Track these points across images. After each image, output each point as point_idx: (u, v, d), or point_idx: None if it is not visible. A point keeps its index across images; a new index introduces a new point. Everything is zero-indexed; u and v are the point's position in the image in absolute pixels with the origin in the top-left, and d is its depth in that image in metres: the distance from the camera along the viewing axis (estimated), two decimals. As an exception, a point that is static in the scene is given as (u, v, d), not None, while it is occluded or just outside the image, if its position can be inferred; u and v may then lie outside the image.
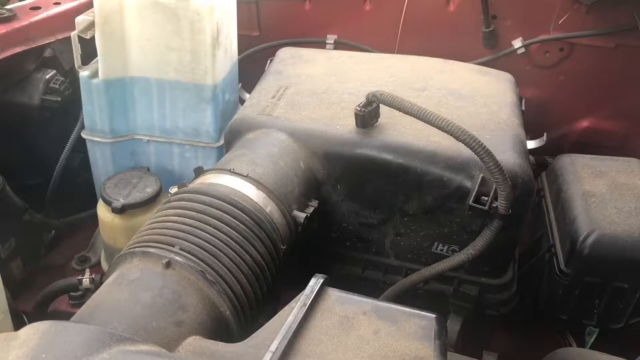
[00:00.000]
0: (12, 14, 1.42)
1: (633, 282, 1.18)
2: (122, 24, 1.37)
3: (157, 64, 1.41)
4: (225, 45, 1.46)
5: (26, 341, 0.60)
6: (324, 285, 0.77)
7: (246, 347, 0.70)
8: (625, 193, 1.25)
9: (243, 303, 0.86)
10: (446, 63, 1.41)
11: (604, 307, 1.22)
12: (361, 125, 1.09)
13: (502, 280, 1.19)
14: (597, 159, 1.38)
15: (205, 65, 1.40)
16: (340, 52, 1.52)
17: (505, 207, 0.97)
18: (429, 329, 0.72)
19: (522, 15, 1.76)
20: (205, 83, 1.42)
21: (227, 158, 1.09)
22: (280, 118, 1.16)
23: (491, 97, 1.26)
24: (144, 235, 0.88)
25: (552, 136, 1.74)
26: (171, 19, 1.35)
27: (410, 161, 1.07)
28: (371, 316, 0.73)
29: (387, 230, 1.16)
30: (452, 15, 1.79)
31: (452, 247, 1.13)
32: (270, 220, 0.97)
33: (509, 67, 1.50)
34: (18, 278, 1.50)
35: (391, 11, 1.79)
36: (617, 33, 1.68)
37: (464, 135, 0.94)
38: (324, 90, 1.25)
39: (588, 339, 1.29)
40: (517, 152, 1.09)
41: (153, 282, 0.79)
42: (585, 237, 1.15)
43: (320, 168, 1.11)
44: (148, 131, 1.51)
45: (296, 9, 1.89)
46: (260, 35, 1.93)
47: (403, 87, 1.26)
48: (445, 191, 1.07)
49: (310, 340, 0.69)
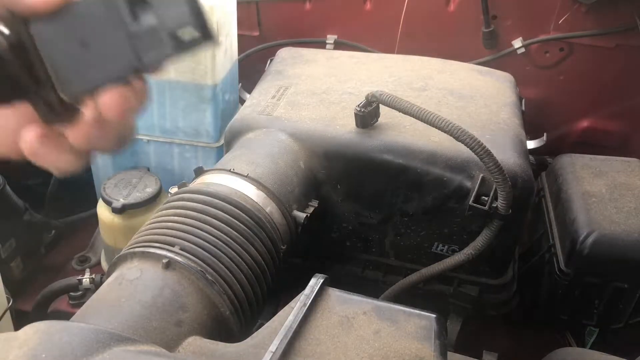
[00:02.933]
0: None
1: (633, 282, 1.18)
2: (122, 24, 1.37)
3: (157, 64, 1.41)
4: (225, 45, 1.46)
5: (26, 341, 0.60)
6: (324, 285, 0.77)
7: (246, 347, 0.70)
8: (625, 193, 1.25)
9: (243, 303, 0.86)
10: (446, 63, 1.41)
11: (604, 307, 1.22)
12: (361, 126, 1.09)
13: (502, 280, 1.19)
14: (597, 159, 1.38)
15: (205, 65, 1.39)
16: (341, 52, 1.52)
17: (505, 207, 0.97)
18: (429, 329, 0.72)
19: (522, 15, 1.76)
20: (205, 83, 1.42)
21: (227, 158, 1.09)
22: (281, 118, 1.16)
23: (491, 97, 1.26)
24: (144, 235, 0.88)
25: (552, 136, 1.74)
26: (171, 19, 1.35)
27: (410, 161, 1.07)
28: (371, 316, 0.73)
29: (387, 231, 1.16)
30: (452, 15, 1.79)
31: (452, 247, 1.13)
32: (270, 220, 0.97)
33: (509, 67, 1.50)
34: (18, 278, 1.50)
35: (391, 11, 1.80)
36: (617, 33, 1.68)
37: (464, 136, 0.94)
38: (324, 90, 1.25)
39: (588, 339, 1.29)
40: (517, 152, 1.09)
41: (153, 282, 0.79)
42: (586, 237, 1.15)
43: (320, 168, 1.11)
44: (148, 131, 1.51)
45: (296, 9, 1.89)
46: (260, 35, 1.93)
47: (403, 87, 1.26)
48: (445, 191, 1.07)
49: (310, 340, 0.69)
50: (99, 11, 0.35)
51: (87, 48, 0.35)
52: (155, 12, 0.35)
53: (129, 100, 0.38)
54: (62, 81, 0.36)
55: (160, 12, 0.35)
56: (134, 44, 0.35)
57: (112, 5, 0.35)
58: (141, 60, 0.35)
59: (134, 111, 0.39)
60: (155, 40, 0.35)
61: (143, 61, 0.36)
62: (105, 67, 0.36)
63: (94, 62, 0.36)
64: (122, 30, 0.35)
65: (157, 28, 0.35)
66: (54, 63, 0.36)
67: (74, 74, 0.36)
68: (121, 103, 0.37)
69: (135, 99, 0.39)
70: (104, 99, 0.37)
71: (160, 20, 0.35)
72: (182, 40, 0.35)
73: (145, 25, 0.35)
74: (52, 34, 0.35)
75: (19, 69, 0.36)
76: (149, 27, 0.35)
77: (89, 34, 0.35)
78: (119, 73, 0.36)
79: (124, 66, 0.36)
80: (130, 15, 0.35)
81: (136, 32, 0.35)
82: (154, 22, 0.35)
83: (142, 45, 0.35)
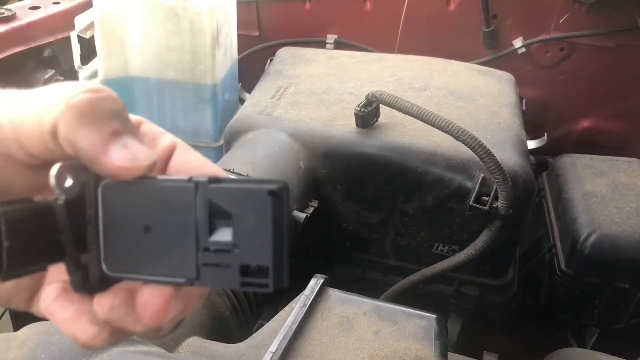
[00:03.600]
0: (11, 13, 1.42)
1: (634, 282, 1.17)
2: (121, 24, 1.37)
3: (157, 64, 1.41)
4: (225, 45, 1.46)
5: (25, 341, 0.59)
6: (324, 286, 0.77)
7: (246, 347, 0.70)
8: (626, 193, 1.25)
9: (243, 303, 0.86)
10: (446, 63, 1.40)
11: (604, 307, 1.22)
12: (361, 125, 1.09)
13: (503, 280, 1.19)
14: (598, 159, 1.38)
15: (205, 65, 1.39)
16: (341, 51, 1.51)
17: (505, 207, 0.97)
18: (429, 329, 0.72)
19: (522, 15, 1.75)
20: (205, 83, 1.41)
21: (227, 158, 1.09)
22: (280, 118, 1.15)
23: (491, 97, 1.26)
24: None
25: (553, 136, 1.74)
26: (171, 19, 1.35)
27: (410, 161, 1.06)
28: (371, 316, 0.73)
29: (387, 231, 1.16)
30: (453, 15, 1.79)
31: (452, 247, 1.13)
32: (270, 220, 0.96)
33: (509, 67, 1.50)
34: (18, 278, 1.50)
35: (391, 11, 1.79)
36: (617, 33, 1.67)
37: (464, 136, 0.94)
38: (324, 90, 1.25)
39: (588, 339, 1.29)
40: (517, 152, 1.08)
41: (153, 282, 0.78)
42: (586, 238, 1.15)
43: (320, 168, 1.11)
44: (148, 131, 1.50)
45: (296, 9, 1.88)
46: (260, 35, 1.93)
47: (403, 87, 1.26)
48: (445, 191, 1.07)
49: (310, 341, 0.69)
50: (178, 202, 0.29)
51: (149, 232, 0.30)
52: (235, 234, 0.28)
53: (171, 306, 0.30)
54: (111, 254, 0.31)
55: (240, 236, 0.28)
56: (197, 256, 0.29)
57: (192, 203, 0.29)
58: (199, 277, 0.29)
59: (172, 321, 0.32)
60: (222, 264, 0.29)
61: (200, 277, 0.29)
62: (160, 261, 0.30)
63: (150, 250, 0.30)
64: (192, 236, 0.29)
65: (229, 253, 0.28)
66: (110, 231, 0.30)
67: (126, 252, 0.30)
68: (161, 307, 0.30)
69: (178, 307, 0.31)
70: (144, 294, 0.30)
71: (237, 245, 0.28)
72: (249, 276, 0.28)
73: (218, 243, 0.29)
74: (120, 201, 0.30)
75: (68, 227, 0.30)
76: (221, 246, 0.29)
77: (156, 219, 0.30)
78: (172, 276, 0.30)
79: (179, 271, 0.29)
80: (208, 224, 0.29)
81: (205, 245, 0.29)
82: (229, 246, 0.28)
83: (206, 260, 0.29)
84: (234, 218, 0.28)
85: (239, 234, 0.28)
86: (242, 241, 0.28)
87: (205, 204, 0.29)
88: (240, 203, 0.28)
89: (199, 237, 0.29)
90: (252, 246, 0.28)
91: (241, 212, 0.28)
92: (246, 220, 0.28)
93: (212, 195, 0.29)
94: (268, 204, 0.27)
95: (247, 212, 0.28)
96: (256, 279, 0.28)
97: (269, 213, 0.27)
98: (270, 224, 0.27)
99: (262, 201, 0.28)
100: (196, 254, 0.29)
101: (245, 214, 0.28)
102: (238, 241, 0.28)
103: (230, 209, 0.28)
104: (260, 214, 0.28)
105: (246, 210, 0.28)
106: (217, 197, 0.28)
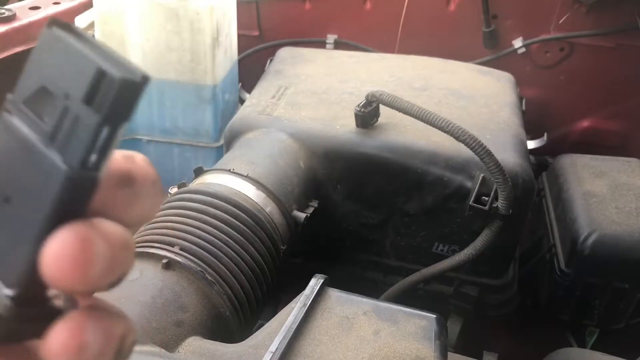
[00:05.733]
0: (11, 13, 1.42)
1: (634, 282, 1.17)
2: (121, 24, 1.37)
3: (157, 64, 1.41)
4: (225, 45, 1.46)
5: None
6: (324, 285, 0.77)
7: (246, 347, 0.70)
8: (626, 193, 1.25)
9: (243, 303, 0.86)
10: (446, 63, 1.40)
11: (604, 307, 1.22)
12: (361, 125, 1.09)
13: (503, 280, 1.19)
14: (598, 159, 1.38)
15: (205, 65, 1.39)
16: (341, 51, 1.51)
17: (505, 207, 0.97)
18: (429, 329, 0.72)
19: (522, 14, 1.75)
20: (205, 83, 1.41)
21: (227, 158, 1.09)
22: (280, 118, 1.15)
23: (491, 97, 1.26)
24: (144, 235, 0.88)
25: (553, 136, 1.74)
26: (171, 19, 1.35)
27: (410, 161, 1.07)
28: (371, 316, 0.73)
29: (387, 231, 1.16)
30: (453, 15, 1.79)
31: (452, 247, 1.13)
32: (270, 220, 0.96)
33: (509, 67, 1.50)
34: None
35: (391, 11, 1.79)
36: (617, 33, 1.68)
37: (464, 136, 0.94)
38: (324, 90, 1.25)
39: (588, 340, 1.29)
40: (517, 152, 1.08)
41: (153, 282, 0.78)
42: (586, 238, 1.15)
43: (320, 168, 1.11)
44: (148, 131, 1.50)
45: (296, 9, 1.88)
46: (260, 35, 1.93)
47: (403, 86, 1.26)
48: (445, 191, 1.07)
49: (310, 341, 0.69)
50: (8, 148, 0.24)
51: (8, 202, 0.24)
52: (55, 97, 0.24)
53: (90, 244, 0.22)
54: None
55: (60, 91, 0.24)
56: (52, 148, 0.23)
57: (15, 131, 0.24)
58: (70, 160, 0.23)
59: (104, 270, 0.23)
60: (72, 125, 0.23)
61: (70, 158, 0.23)
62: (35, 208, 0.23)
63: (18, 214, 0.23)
64: (36, 145, 0.23)
65: (66, 107, 0.23)
66: None
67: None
68: (79, 250, 0.22)
69: (98, 242, 0.23)
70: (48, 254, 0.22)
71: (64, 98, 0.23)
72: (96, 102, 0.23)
73: (53, 117, 0.24)
74: None
75: None
76: (58, 114, 0.23)
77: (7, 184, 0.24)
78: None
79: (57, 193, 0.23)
80: (36, 117, 0.24)
81: (49, 132, 0.23)
82: (60, 108, 0.23)
83: (62, 140, 0.23)
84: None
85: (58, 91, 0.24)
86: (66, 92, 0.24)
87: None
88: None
89: (41, 133, 0.24)
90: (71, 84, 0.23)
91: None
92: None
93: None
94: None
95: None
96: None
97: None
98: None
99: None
100: (49, 150, 0.23)
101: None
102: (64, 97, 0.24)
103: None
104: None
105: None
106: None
